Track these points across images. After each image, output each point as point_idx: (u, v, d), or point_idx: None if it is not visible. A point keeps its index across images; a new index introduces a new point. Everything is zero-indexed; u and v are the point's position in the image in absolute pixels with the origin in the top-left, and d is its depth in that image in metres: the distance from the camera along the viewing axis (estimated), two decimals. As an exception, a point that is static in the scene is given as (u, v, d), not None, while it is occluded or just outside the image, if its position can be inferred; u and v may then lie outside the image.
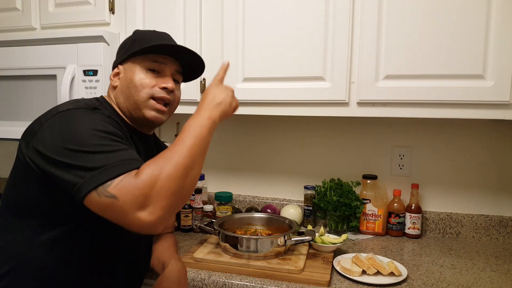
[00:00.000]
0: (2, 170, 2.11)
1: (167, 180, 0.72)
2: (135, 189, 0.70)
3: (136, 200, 0.70)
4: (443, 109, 1.17)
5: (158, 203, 0.71)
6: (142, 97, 0.92)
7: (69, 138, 0.76)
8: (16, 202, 0.86)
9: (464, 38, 1.12)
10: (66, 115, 0.81)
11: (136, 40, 0.96)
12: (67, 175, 0.74)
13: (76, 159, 0.74)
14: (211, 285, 1.05)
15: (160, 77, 0.95)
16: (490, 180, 1.45)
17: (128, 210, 0.70)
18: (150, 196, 0.70)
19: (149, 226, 0.71)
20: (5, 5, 1.59)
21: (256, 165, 1.71)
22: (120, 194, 0.70)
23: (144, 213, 0.70)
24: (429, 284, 1.03)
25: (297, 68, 1.28)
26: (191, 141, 0.78)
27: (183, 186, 0.74)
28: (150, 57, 0.94)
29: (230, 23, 1.33)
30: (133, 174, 0.72)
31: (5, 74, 1.54)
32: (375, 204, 1.46)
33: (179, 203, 0.76)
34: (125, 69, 0.96)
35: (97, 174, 0.72)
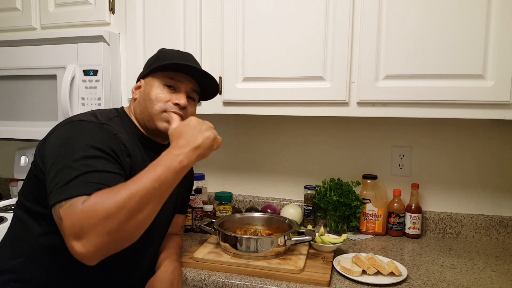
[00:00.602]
0: (2, 170, 2.11)
1: (105, 218, 0.67)
2: (75, 217, 0.68)
3: (73, 229, 0.68)
4: (443, 109, 1.17)
5: (92, 239, 0.67)
6: (156, 110, 0.96)
7: (63, 148, 0.80)
8: (28, 200, 0.90)
9: (464, 38, 1.12)
10: (76, 125, 0.86)
11: (159, 58, 1.01)
12: (48, 183, 0.78)
13: (58, 171, 0.77)
14: (211, 285, 1.05)
15: (175, 93, 0.99)
16: (490, 180, 1.45)
17: (67, 235, 0.69)
18: (85, 228, 0.67)
19: (80, 257, 0.69)
20: (5, 5, 1.59)
21: (256, 165, 1.71)
22: (64, 218, 0.70)
23: (77, 244, 0.68)
24: (429, 284, 1.03)
25: (297, 68, 1.28)
26: (149, 184, 0.72)
27: (122, 228, 0.69)
28: (168, 74, 0.99)
29: (230, 23, 1.33)
30: (81, 200, 0.70)
31: (5, 74, 1.54)
32: (375, 204, 1.46)
33: (117, 245, 0.71)
34: (145, 83, 1.01)
35: (59, 191, 0.73)
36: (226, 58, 1.34)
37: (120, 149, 0.87)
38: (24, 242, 0.88)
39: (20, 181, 1.83)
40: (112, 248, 0.71)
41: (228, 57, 1.34)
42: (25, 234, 0.89)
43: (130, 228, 0.70)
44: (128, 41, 1.45)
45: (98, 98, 1.41)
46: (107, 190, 0.71)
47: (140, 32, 1.43)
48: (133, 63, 1.45)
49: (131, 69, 1.46)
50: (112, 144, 0.85)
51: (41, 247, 0.87)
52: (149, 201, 0.71)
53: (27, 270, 0.87)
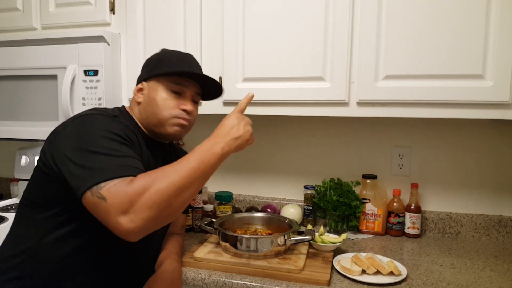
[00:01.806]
0: (2, 170, 2.11)
1: (156, 193, 0.72)
2: (124, 194, 0.72)
3: (122, 205, 0.71)
4: (443, 109, 1.18)
5: (141, 213, 0.71)
6: (165, 116, 0.98)
7: (82, 138, 0.81)
8: (34, 198, 0.91)
9: (464, 38, 1.13)
10: (87, 118, 0.86)
11: (161, 60, 1.01)
12: (73, 172, 0.78)
13: (82, 158, 0.78)
14: (211, 285, 1.06)
15: (181, 98, 1.00)
16: (490, 180, 1.45)
17: (112, 212, 0.71)
18: (135, 204, 0.71)
19: (127, 233, 0.72)
20: (5, 5, 1.59)
21: (256, 165, 1.71)
22: (109, 197, 0.72)
23: (125, 219, 0.71)
24: (428, 283, 1.03)
25: (297, 68, 1.28)
26: (195, 164, 0.78)
27: (170, 204, 0.74)
28: (173, 80, 0.99)
29: (230, 23, 1.33)
30: (127, 180, 0.74)
31: (5, 74, 1.54)
32: (375, 204, 1.46)
33: (163, 219, 0.76)
34: (149, 87, 1.01)
35: (94, 175, 0.75)
36: (226, 58, 1.34)
37: (135, 139, 0.91)
38: (28, 240, 0.89)
39: (21, 181, 1.83)
40: (158, 223, 0.75)
41: (228, 57, 1.34)
42: (30, 232, 0.89)
43: (177, 204, 0.76)
44: (129, 41, 1.46)
45: (98, 98, 1.42)
46: (151, 172, 0.76)
47: (140, 32, 1.44)
48: (134, 63, 1.46)
49: (131, 69, 1.46)
50: (128, 133, 0.88)
51: (46, 244, 0.87)
52: (196, 180, 0.78)
53: (31, 268, 0.87)
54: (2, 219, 1.49)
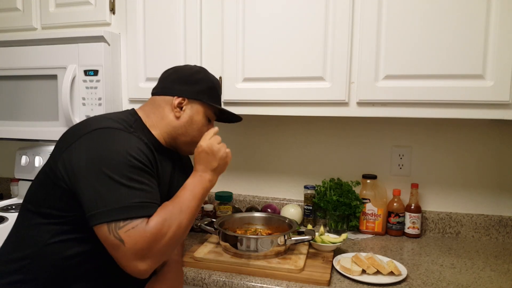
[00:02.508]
0: (2, 170, 2.11)
1: (171, 239, 0.80)
2: (142, 240, 0.76)
3: (141, 251, 0.76)
4: (443, 109, 1.18)
5: (157, 258, 0.79)
6: (198, 139, 1.01)
7: (102, 158, 0.80)
8: (38, 203, 0.89)
9: (464, 38, 1.13)
10: (106, 133, 0.85)
11: (214, 90, 1.08)
12: (89, 194, 0.79)
13: (102, 183, 0.78)
14: (211, 285, 1.06)
15: (209, 125, 1.09)
16: (490, 180, 1.45)
17: (130, 257, 0.76)
18: (154, 250, 0.78)
19: (142, 274, 0.79)
20: (5, 5, 1.59)
21: (256, 165, 1.71)
22: (127, 241, 0.76)
23: (142, 263, 0.77)
24: (428, 283, 1.03)
25: (297, 68, 1.28)
26: (196, 203, 0.88)
27: (178, 242, 0.84)
28: (214, 111, 1.08)
29: (230, 23, 1.33)
30: (144, 222, 0.78)
31: (5, 74, 1.54)
32: (375, 204, 1.46)
33: (170, 254, 0.85)
34: (192, 107, 1.04)
35: (113, 210, 0.77)
36: (226, 58, 1.34)
37: (153, 158, 0.92)
38: (31, 244, 0.87)
39: (21, 181, 1.83)
40: (167, 257, 0.86)
41: (228, 57, 1.34)
42: (33, 236, 0.88)
43: (183, 237, 0.86)
44: (129, 41, 1.46)
45: (98, 98, 1.42)
46: (163, 211, 0.82)
47: (140, 32, 1.44)
48: (134, 63, 1.46)
49: (131, 69, 1.46)
50: (147, 154, 0.88)
51: (50, 249, 0.86)
52: (194, 216, 0.87)
53: (34, 272, 0.87)
54: (2, 219, 1.49)
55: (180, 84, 1.03)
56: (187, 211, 0.85)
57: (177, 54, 1.40)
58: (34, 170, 1.78)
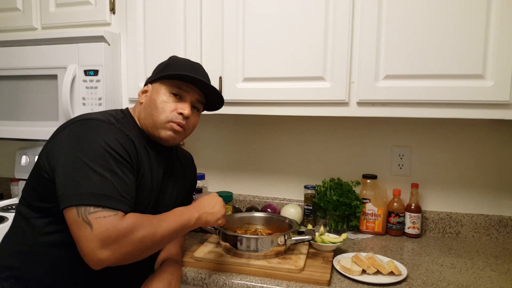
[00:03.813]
0: (2, 170, 2.11)
1: (140, 239, 0.78)
2: (113, 230, 0.75)
3: (107, 239, 0.75)
4: (443, 109, 1.18)
5: (120, 251, 0.76)
6: (161, 119, 0.98)
7: (80, 145, 0.82)
8: (30, 199, 0.92)
9: (464, 38, 1.13)
10: (87, 123, 0.87)
11: (169, 66, 1.03)
12: (64, 179, 0.80)
13: (76, 168, 0.79)
14: (211, 284, 1.06)
15: (180, 102, 1.00)
16: (490, 180, 1.45)
17: (93, 242, 0.74)
18: (119, 242, 0.76)
19: (97, 263, 0.76)
20: (5, 5, 1.59)
21: (256, 165, 1.71)
22: (96, 227, 0.75)
23: (104, 251, 0.75)
24: (428, 283, 1.03)
25: (297, 68, 1.28)
26: (174, 227, 0.86)
27: (143, 251, 0.81)
28: (176, 83, 1.00)
29: (230, 23, 1.33)
30: (119, 216, 0.77)
31: (6, 74, 1.54)
32: (375, 204, 1.46)
33: (131, 260, 0.81)
34: (152, 88, 1.02)
35: (84, 195, 0.77)
36: (226, 58, 1.34)
37: (133, 151, 0.91)
38: (25, 239, 0.90)
39: (21, 181, 1.84)
40: (125, 262, 0.80)
41: (228, 57, 1.34)
42: (26, 231, 0.90)
43: (149, 251, 0.83)
44: (129, 41, 1.46)
45: (99, 98, 1.42)
46: (141, 218, 0.81)
47: (140, 32, 1.44)
48: (134, 63, 1.46)
49: (131, 69, 1.46)
50: (126, 146, 0.88)
51: (43, 243, 0.88)
52: (169, 238, 0.86)
53: (27, 267, 0.88)
54: (2, 219, 1.49)
55: (150, 76, 1.07)
56: (164, 227, 0.84)
57: (177, 54, 1.39)
58: (34, 170, 1.79)
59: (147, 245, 0.80)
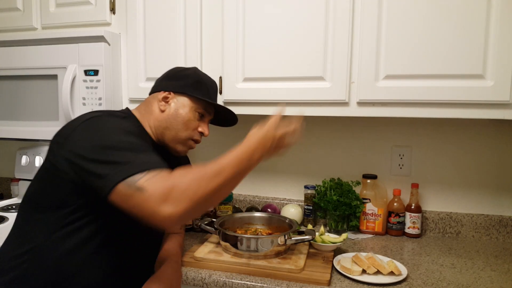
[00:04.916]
0: (2, 170, 2.11)
1: (197, 188, 0.74)
2: (165, 183, 0.73)
3: (163, 194, 0.72)
4: (443, 109, 1.18)
5: (182, 203, 0.73)
6: (184, 136, 1.03)
7: (102, 137, 0.82)
8: (38, 199, 0.90)
9: (464, 38, 1.13)
10: (99, 119, 0.88)
11: (201, 83, 1.07)
12: (96, 171, 0.78)
13: (106, 155, 0.79)
14: (211, 284, 1.06)
15: (201, 121, 1.07)
16: (490, 180, 1.45)
17: (152, 202, 0.73)
18: (176, 193, 0.73)
19: (166, 220, 0.74)
20: (6, 5, 1.59)
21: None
22: (149, 187, 0.73)
23: (166, 207, 0.72)
24: (429, 283, 1.03)
25: (297, 68, 1.28)
26: (232, 171, 0.79)
27: (207, 199, 0.76)
28: (204, 105, 1.06)
29: (230, 23, 1.33)
30: (165, 172, 0.76)
31: (6, 74, 1.54)
32: (375, 204, 1.46)
33: (199, 211, 0.79)
34: (177, 100, 1.04)
35: (125, 168, 0.76)
36: (226, 58, 1.34)
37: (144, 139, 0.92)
38: (32, 240, 0.88)
39: (21, 181, 1.83)
40: (195, 214, 0.81)
41: (228, 57, 1.34)
42: (33, 233, 0.88)
43: (215, 198, 0.79)
44: (129, 41, 1.46)
45: (99, 98, 1.42)
46: (190, 166, 0.80)
47: (140, 32, 1.44)
48: (134, 63, 1.46)
49: (131, 69, 1.46)
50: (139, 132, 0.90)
51: (50, 244, 0.87)
52: (232, 181, 0.80)
53: (34, 268, 0.87)
54: (2, 219, 1.49)
55: (168, 80, 1.08)
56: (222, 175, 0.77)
57: (177, 54, 1.40)
58: (35, 170, 1.78)
59: (205, 190, 0.75)
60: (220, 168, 0.77)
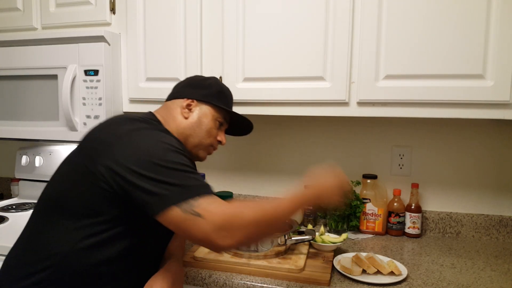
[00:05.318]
0: (2, 170, 2.12)
1: (256, 226, 0.80)
2: (223, 213, 0.77)
3: (220, 223, 0.76)
4: (443, 109, 1.18)
5: (239, 236, 0.78)
6: (207, 143, 1.08)
7: (153, 153, 0.82)
8: (66, 203, 0.86)
9: (464, 38, 1.13)
10: (146, 131, 0.88)
11: (223, 93, 1.12)
12: (149, 186, 0.78)
13: (158, 173, 0.79)
14: (211, 284, 1.06)
15: (219, 130, 1.12)
16: (490, 180, 1.45)
17: (210, 230, 0.76)
18: (235, 227, 0.77)
19: (222, 249, 0.79)
20: (6, 5, 1.59)
21: (256, 165, 1.71)
22: (206, 215, 0.76)
23: (221, 236, 0.76)
24: (429, 283, 1.03)
25: (297, 68, 1.28)
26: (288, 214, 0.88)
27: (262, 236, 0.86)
28: (224, 114, 1.11)
29: (230, 23, 1.33)
30: (222, 201, 0.80)
31: (6, 74, 1.54)
32: (375, 204, 1.46)
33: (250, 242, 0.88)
34: (200, 109, 1.07)
35: (183, 190, 0.78)
36: (226, 58, 1.34)
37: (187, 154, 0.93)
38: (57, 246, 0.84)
39: (21, 181, 1.83)
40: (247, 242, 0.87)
41: (228, 57, 1.34)
42: (59, 238, 0.85)
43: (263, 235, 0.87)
44: (129, 41, 1.46)
45: (99, 98, 1.42)
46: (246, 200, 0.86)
47: (141, 32, 1.44)
48: (134, 63, 1.46)
49: (131, 69, 1.46)
50: (184, 149, 0.91)
51: (78, 251, 0.83)
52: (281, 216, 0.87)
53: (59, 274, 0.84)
54: (3, 219, 1.49)
55: (190, 87, 1.10)
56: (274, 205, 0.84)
57: (177, 54, 1.40)
58: (35, 170, 1.78)
59: (260, 224, 0.80)
60: (279, 212, 0.84)
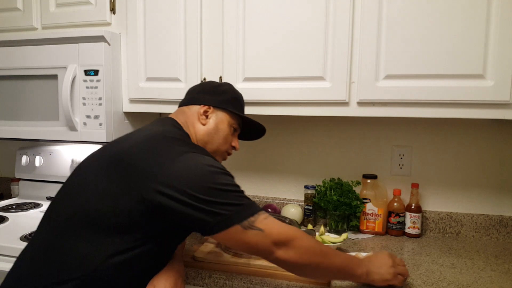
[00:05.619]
0: (2, 170, 2.12)
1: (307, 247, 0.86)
2: (280, 227, 0.85)
3: (280, 235, 0.84)
4: (443, 109, 1.18)
5: (299, 255, 0.84)
6: (223, 149, 1.10)
7: (205, 176, 0.84)
8: (102, 220, 0.84)
9: (464, 38, 1.13)
10: (195, 156, 0.89)
11: (238, 100, 1.14)
12: (207, 210, 0.82)
13: (217, 196, 0.83)
14: (211, 284, 1.06)
15: (233, 136, 1.14)
16: (490, 180, 1.45)
17: (270, 242, 0.83)
18: (291, 243, 0.84)
19: (283, 261, 0.85)
20: (6, 5, 1.59)
21: (256, 165, 1.71)
22: (266, 228, 0.83)
23: (282, 250, 0.84)
24: (429, 283, 1.03)
25: (297, 68, 1.28)
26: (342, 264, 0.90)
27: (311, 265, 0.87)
28: (238, 120, 1.13)
29: (230, 23, 1.33)
30: (271, 216, 0.87)
31: (6, 74, 1.54)
32: (375, 204, 1.46)
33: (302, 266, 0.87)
34: (217, 115, 1.08)
35: (241, 211, 0.83)
36: (226, 58, 1.34)
37: None
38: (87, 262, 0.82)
39: (21, 181, 1.84)
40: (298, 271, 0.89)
41: (228, 57, 1.34)
42: (90, 254, 0.82)
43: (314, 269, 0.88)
44: (129, 41, 1.46)
45: (99, 98, 1.42)
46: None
47: (141, 32, 1.44)
48: (134, 63, 1.46)
49: (131, 69, 1.46)
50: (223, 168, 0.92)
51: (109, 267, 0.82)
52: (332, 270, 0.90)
53: None
54: (3, 219, 1.49)
55: (206, 94, 1.10)
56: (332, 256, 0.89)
57: (177, 54, 1.40)
58: (35, 170, 1.79)
59: (311, 257, 0.86)
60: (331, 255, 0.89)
